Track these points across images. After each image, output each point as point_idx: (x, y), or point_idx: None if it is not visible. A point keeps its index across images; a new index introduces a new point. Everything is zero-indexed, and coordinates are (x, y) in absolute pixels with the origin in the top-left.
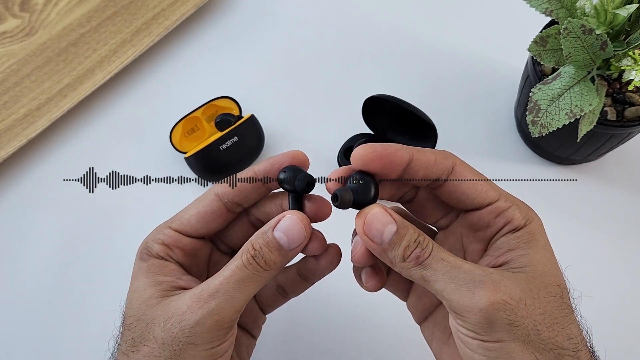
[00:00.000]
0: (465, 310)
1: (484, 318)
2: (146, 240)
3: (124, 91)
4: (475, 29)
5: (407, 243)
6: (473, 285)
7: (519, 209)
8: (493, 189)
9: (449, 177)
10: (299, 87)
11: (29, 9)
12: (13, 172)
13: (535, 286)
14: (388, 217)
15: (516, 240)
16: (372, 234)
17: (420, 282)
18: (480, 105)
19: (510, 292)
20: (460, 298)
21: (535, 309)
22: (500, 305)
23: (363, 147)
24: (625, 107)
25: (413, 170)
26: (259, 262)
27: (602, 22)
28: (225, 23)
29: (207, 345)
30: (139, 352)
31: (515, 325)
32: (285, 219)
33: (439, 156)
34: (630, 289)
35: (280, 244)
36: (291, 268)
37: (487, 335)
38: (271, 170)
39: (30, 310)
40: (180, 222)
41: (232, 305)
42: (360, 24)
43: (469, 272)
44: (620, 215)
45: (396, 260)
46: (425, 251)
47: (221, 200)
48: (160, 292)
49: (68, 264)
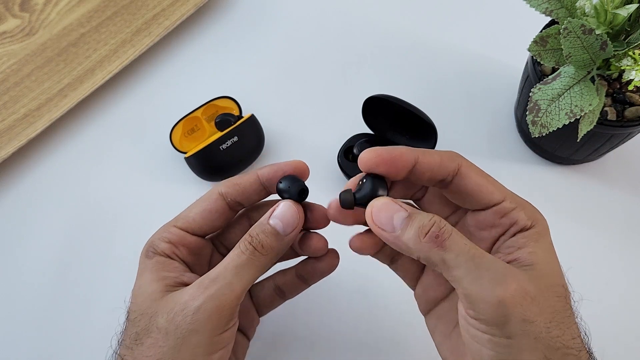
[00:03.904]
0: (482, 301)
1: (500, 312)
2: (152, 239)
3: (124, 91)
4: (475, 29)
5: (420, 223)
6: (495, 278)
7: (525, 210)
8: (499, 190)
9: (455, 178)
10: (299, 87)
11: (29, 9)
12: (13, 172)
13: (544, 284)
14: (396, 205)
15: (525, 239)
16: (382, 222)
17: (440, 266)
18: (480, 106)
19: (526, 288)
20: (479, 289)
21: (547, 307)
22: (517, 301)
23: (368, 151)
24: (625, 107)
25: (419, 172)
26: (255, 246)
27: (602, 22)
28: (225, 23)
29: (210, 333)
30: (142, 344)
31: (529, 322)
32: (279, 207)
33: (445, 158)
34: (630, 289)
35: (276, 230)
36: (290, 270)
37: (499, 330)
38: (274, 176)
39: (30, 310)
40: (185, 220)
41: (231, 290)
42: (360, 24)
43: (492, 263)
44: (620, 215)
45: (410, 242)
46: (444, 231)
47: (225, 199)
48: (164, 287)
49: (68, 264)
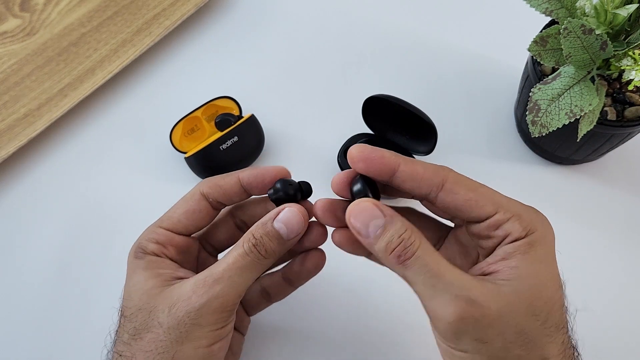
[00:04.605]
0: (436, 318)
1: (452, 331)
2: (139, 240)
3: (124, 91)
4: (475, 28)
5: (390, 238)
6: (448, 298)
7: (520, 220)
8: (491, 203)
9: (440, 193)
10: (299, 87)
11: (30, 9)
12: (13, 172)
13: (517, 301)
14: (375, 211)
15: (513, 249)
16: (358, 227)
17: (405, 280)
18: (480, 105)
19: (484, 309)
20: (434, 306)
21: (509, 327)
22: (469, 322)
23: (356, 146)
24: (625, 107)
25: (399, 180)
26: (259, 251)
27: (602, 22)
28: (225, 23)
29: (212, 326)
30: (142, 339)
31: (482, 342)
32: (285, 211)
33: (429, 171)
34: (630, 289)
35: (279, 234)
36: (276, 272)
37: (455, 344)
38: (254, 181)
39: (30, 310)
40: (170, 221)
41: (234, 289)
42: (360, 23)
43: (447, 284)
44: (620, 215)
45: (380, 254)
46: (408, 251)
47: (207, 199)
48: (161, 282)
49: (68, 263)
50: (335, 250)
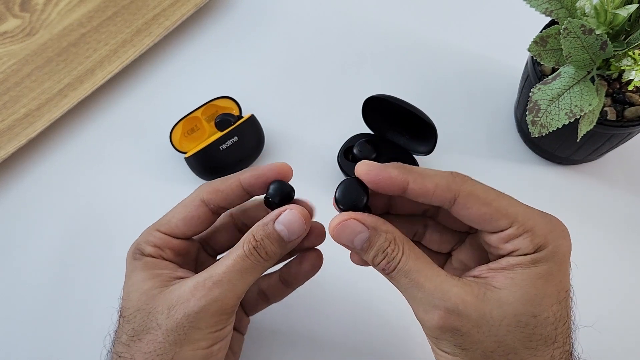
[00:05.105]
0: (421, 322)
1: (433, 335)
2: (137, 242)
3: (124, 91)
4: (475, 28)
5: (375, 252)
6: (427, 307)
7: (532, 236)
8: (505, 217)
9: (453, 207)
10: (299, 87)
11: (30, 9)
12: (13, 172)
13: (499, 312)
14: (357, 226)
15: (516, 262)
16: (343, 242)
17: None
18: (480, 105)
19: (462, 319)
20: (417, 312)
21: (490, 337)
22: (447, 330)
23: (363, 165)
24: (625, 107)
25: (411, 195)
26: (260, 253)
27: (602, 22)
28: (225, 23)
29: (211, 328)
30: (141, 340)
31: (461, 348)
32: (286, 213)
33: (440, 188)
34: (631, 289)
35: (280, 236)
36: (274, 274)
37: (436, 345)
38: (256, 182)
39: (30, 310)
40: (168, 225)
41: (234, 292)
42: (360, 24)
43: (427, 294)
44: (620, 215)
45: (370, 263)
46: (391, 265)
47: (207, 205)
48: (160, 283)
49: (68, 263)
50: (334, 250)
